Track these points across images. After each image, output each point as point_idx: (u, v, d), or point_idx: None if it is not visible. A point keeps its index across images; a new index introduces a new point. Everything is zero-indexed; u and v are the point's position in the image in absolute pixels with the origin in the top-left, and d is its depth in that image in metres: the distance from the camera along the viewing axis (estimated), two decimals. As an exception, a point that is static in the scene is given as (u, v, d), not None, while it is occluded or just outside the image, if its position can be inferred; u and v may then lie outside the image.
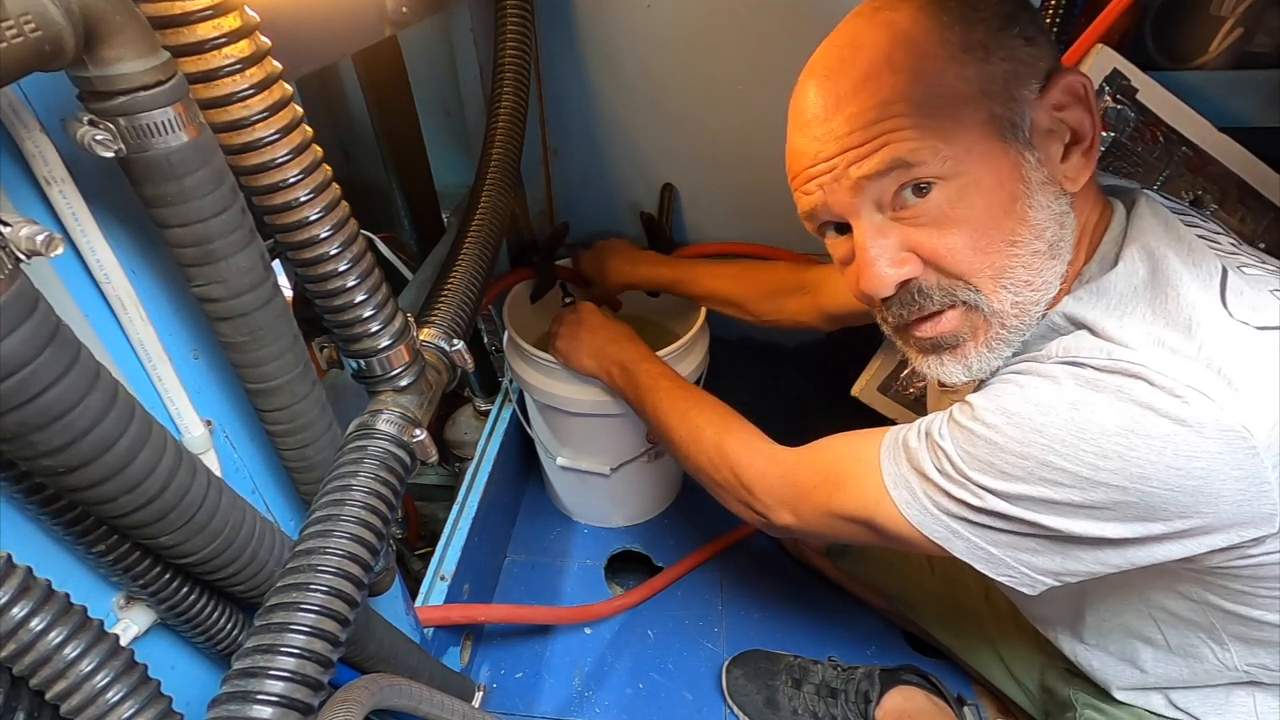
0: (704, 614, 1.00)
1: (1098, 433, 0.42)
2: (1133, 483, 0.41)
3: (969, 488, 0.47)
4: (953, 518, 0.49)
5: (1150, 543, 0.44)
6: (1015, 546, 0.47)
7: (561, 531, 1.13)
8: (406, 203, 1.13)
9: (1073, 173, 0.48)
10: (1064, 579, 0.48)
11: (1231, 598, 0.49)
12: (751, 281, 0.95)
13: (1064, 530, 0.45)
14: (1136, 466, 0.41)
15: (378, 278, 0.46)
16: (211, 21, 0.33)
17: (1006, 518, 0.46)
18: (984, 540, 0.48)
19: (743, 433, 0.68)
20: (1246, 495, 0.40)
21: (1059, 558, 0.47)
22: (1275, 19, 0.82)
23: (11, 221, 0.27)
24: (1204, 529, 0.42)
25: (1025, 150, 0.47)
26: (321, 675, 0.37)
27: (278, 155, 0.37)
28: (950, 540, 0.49)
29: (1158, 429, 0.40)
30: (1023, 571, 0.48)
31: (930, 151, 0.46)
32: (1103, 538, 0.44)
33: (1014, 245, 0.47)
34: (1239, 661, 0.53)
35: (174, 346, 0.40)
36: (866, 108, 0.47)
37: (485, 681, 0.90)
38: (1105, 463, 0.41)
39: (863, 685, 0.81)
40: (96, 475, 0.30)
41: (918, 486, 0.50)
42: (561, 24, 0.98)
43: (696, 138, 1.06)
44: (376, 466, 0.45)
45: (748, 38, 0.95)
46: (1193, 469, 0.40)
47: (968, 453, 0.47)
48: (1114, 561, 0.46)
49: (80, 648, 0.31)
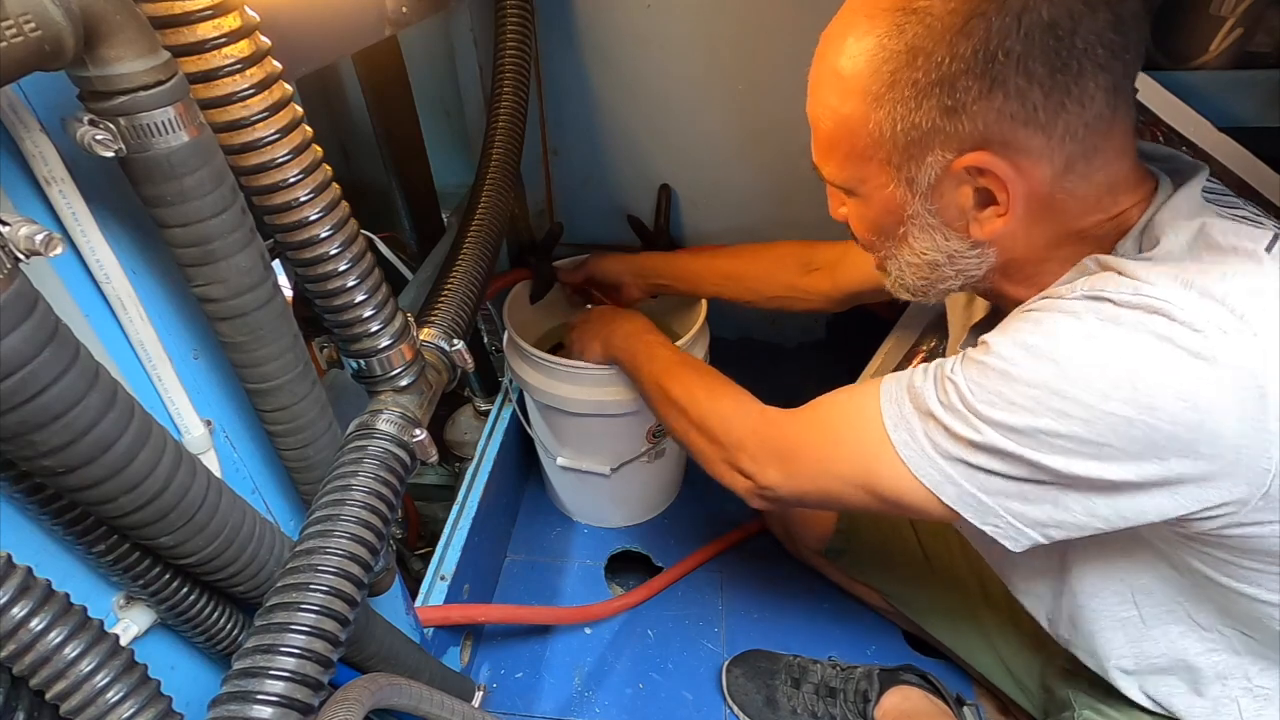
0: (704, 614, 1.00)
1: (1112, 363, 0.42)
2: (1140, 413, 0.41)
3: (972, 422, 0.46)
4: (949, 459, 0.48)
5: (1143, 490, 0.44)
6: (1006, 494, 0.47)
7: (561, 531, 1.13)
8: (406, 203, 1.13)
9: (981, 224, 0.50)
10: (1050, 534, 0.48)
11: (1216, 566, 0.49)
12: (754, 256, 0.95)
13: (1062, 471, 0.44)
14: (1146, 396, 0.41)
15: (378, 278, 0.46)
16: (211, 21, 0.33)
17: (1005, 456, 0.46)
18: (976, 486, 0.48)
19: (738, 394, 0.68)
20: (1247, 442, 0.40)
21: (1049, 508, 0.47)
22: (1275, 19, 0.82)
23: (11, 221, 0.27)
24: (1197, 477, 0.42)
25: (916, 198, 0.51)
26: (321, 675, 0.37)
27: (278, 155, 0.37)
28: (942, 486, 0.49)
29: (1171, 359, 0.40)
30: (1009, 522, 0.48)
31: (834, 170, 0.55)
32: (1099, 480, 0.44)
33: (896, 249, 0.56)
34: (1215, 623, 0.54)
35: (174, 346, 0.40)
36: (811, 107, 0.54)
37: (485, 681, 0.91)
38: (1116, 391, 0.41)
39: (861, 685, 0.81)
40: (96, 475, 0.30)
41: (918, 426, 0.50)
42: (561, 24, 0.98)
43: (696, 138, 1.06)
44: (377, 466, 0.45)
45: (748, 38, 0.95)
46: (1200, 401, 0.40)
47: (979, 385, 0.46)
48: (1103, 513, 0.45)
49: (80, 648, 0.31)
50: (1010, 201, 0.48)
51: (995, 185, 0.48)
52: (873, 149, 0.50)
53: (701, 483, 1.20)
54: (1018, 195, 0.47)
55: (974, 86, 0.44)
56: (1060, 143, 0.45)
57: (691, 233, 1.17)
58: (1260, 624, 0.52)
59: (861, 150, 0.51)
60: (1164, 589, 0.55)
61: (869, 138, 0.50)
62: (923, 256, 0.54)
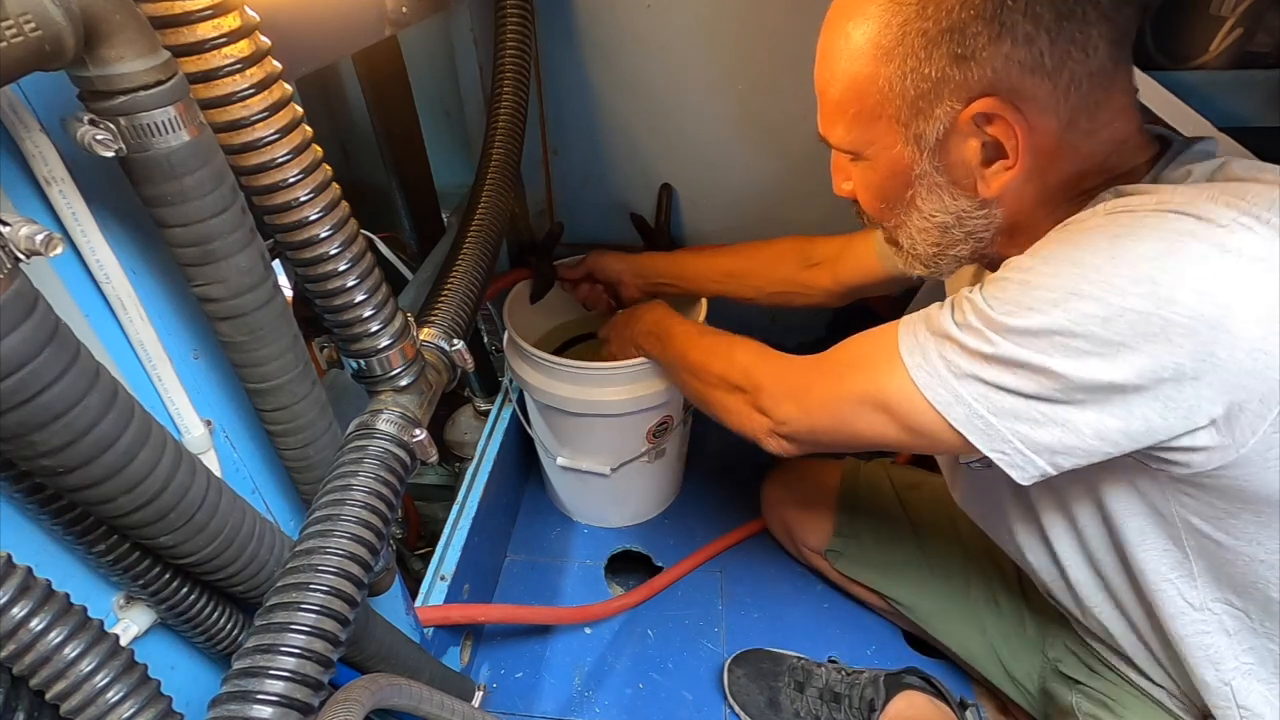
0: (704, 614, 1.00)
1: (1133, 259, 0.41)
2: (1158, 307, 0.40)
3: (987, 335, 0.46)
4: (960, 377, 0.48)
5: (1154, 396, 0.43)
6: (1016, 415, 0.47)
7: (561, 531, 1.13)
8: (406, 203, 1.13)
9: (988, 181, 0.51)
10: (1057, 461, 0.47)
11: (1215, 520, 0.49)
12: (754, 253, 0.95)
13: (1073, 378, 0.44)
14: (1166, 289, 0.40)
15: (378, 278, 0.46)
16: (211, 21, 0.33)
17: (1018, 366, 0.45)
18: (985, 407, 0.47)
19: (758, 345, 0.70)
20: (1264, 345, 0.40)
21: (1058, 430, 0.46)
22: (1275, 19, 0.82)
23: (11, 221, 0.27)
24: (1210, 381, 0.41)
25: (924, 156, 0.52)
26: (321, 675, 0.37)
27: (278, 155, 0.37)
28: (951, 407, 0.48)
29: (1194, 251, 0.40)
30: (1017, 447, 0.47)
31: (841, 134, 0.55)
32: (1110, 384, 0.43)
33: (905, 215, 0.56)
34: (1207, 598, 0.53)
35: (174, 346, 0.40)
36: (819, 73, 0.55)
37: (485, 681, 0.91)
38: (1135, 286, 0.41)
39: (867, 692, 0.81)
40: (96, 475, 0.30)
41: (932, 348, 0.50)
42: (561, 24, 0.98)
43: (696, 138, 1.06)
44: (377, 466, 0.45)
45: (748, 38, 0.95)
46: (1219, 295, 0.40)
47: (997, 298, 0.46)
48: (1111, 434, 0.45)
49: (80, 648, 0.31)
50: (1018, 152, 0.48)
51: (1003, 134, 0.48)
52: (881, 106, 0.51)
53: (701, 483, 1.20)
54: (1025, 146, 0.48)
55: (984, 32, 0.45)
56: (1065, 93, 0.46)
57: (692, 232, 1.17)
58: (1252, 590, 0.51)
59: (870, 109, 0.52)
60: (1156, 566, 0.54)
61: (878, 94, 0.51)
62: (931, 219, 0.55)
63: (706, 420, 0.78)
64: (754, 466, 1.10)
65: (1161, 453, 0.46)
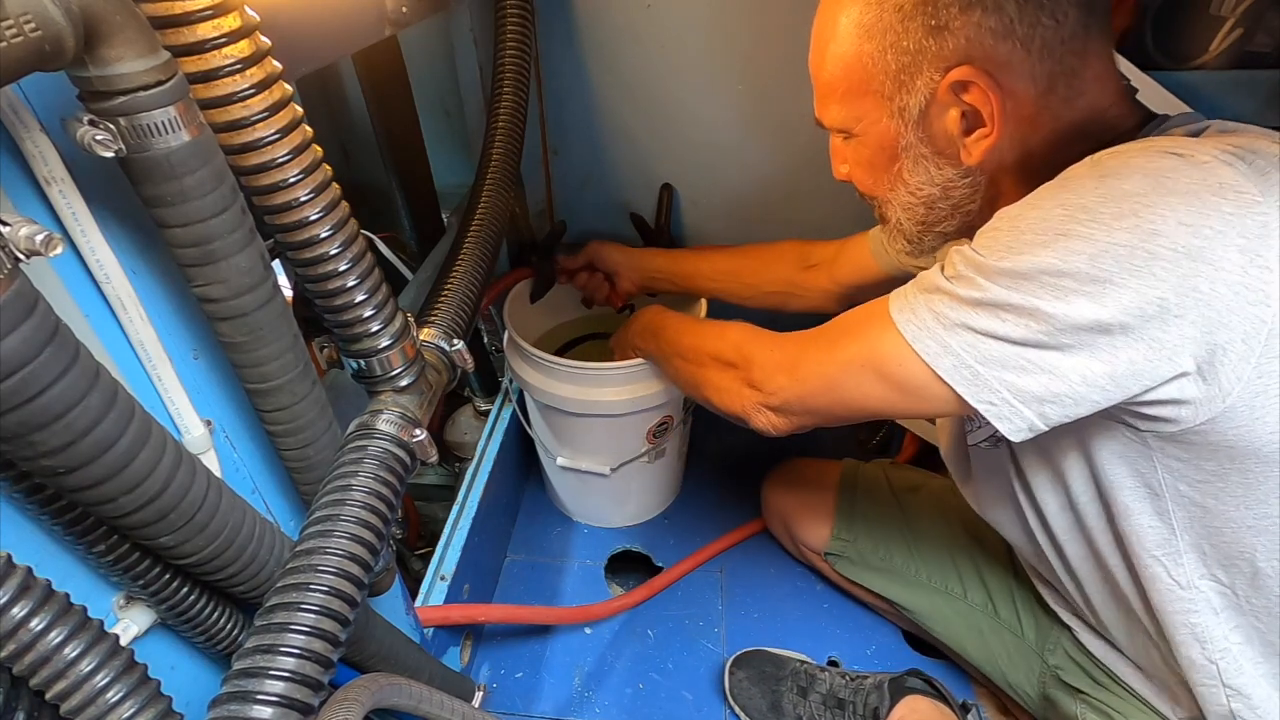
0: (704, 614, 1.00)
1: (1119, 195, 0.42)
2: (1143, 240, 0.41)
3: (976, 281, 0.46)
4: (949, 326, 0.48)
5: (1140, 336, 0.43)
6: (1004, 364, 0.46)
7: (561, 531, 1.13)
8: (406, 203, 1.13)
9: (969, 149, 0.53)
10: (1045, 412, 0.47)
11: (1196, 483, 0.49)
12: (753, 253, 0.96)
13: (1061, 316, 0.43)
14: (1150, 223, 0.41)
15: (378, 278, 0.46)
16: (211, 21, 0.33)
17: (1006, 309, 0.45)
18: (973, 357, 0.47)
19: (750, 326, 0.70)
20: (1246, 280, 0.40)
21: (1045, 378, 0.46)
22: (1275, 19, 0.82)
23: (11, 221, 0.27)
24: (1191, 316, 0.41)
25: (908, 129, 0.54)
26: (322, 675, 0.37)
27: (278, 155, 0.37)
28: (939, 358, 0.48)
29: (1179, 186, 0.41)
30: (1005, 398, 0.47)
31: (834, 115, 0.59)
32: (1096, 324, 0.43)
33: (892, 191, 0.59)
34: (1193, 575, 0.54)
35: (174, 346, 0.40)
36: (812, 59, 0.59)
37: (485, 681, 0.91)
38: (1120, 221, 0.41)
39: (872, 700, 0.80)
40: (96, 475, 0.30)
41: (922, 304, 0.50)
42: (561, 24, 0.98)
43: (696, 138, 1.06)
44: (376, 466, 0.45)
45: (748, 38, 0.95)
46: (1203, 226, 0.40)
47: (987, 246, 0.47)
48: (1097, 379, 0.44)
49: (80, 648, 0.31)
50: (995, 119, 0.50)
51: (980, 101, 0.50)
52: (867, 82, 0.54)
53: (701, 483, 1.20)
54: (1001, 112, 0.50)
55: (954, 3, 0.48)
56: (1039, 58, 0.48)
57: (692, 232, 1.17)
58: (1239, 562, 0.51)
59: (856, 85, 0.55)
60: (1144, 542, 0.54)
61: (863, 71, 0.54)
62: (918, 194, 0.57)
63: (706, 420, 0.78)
64: (754, 467, 1.10)
65: (1147, 407, 0.46)
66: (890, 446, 1.22)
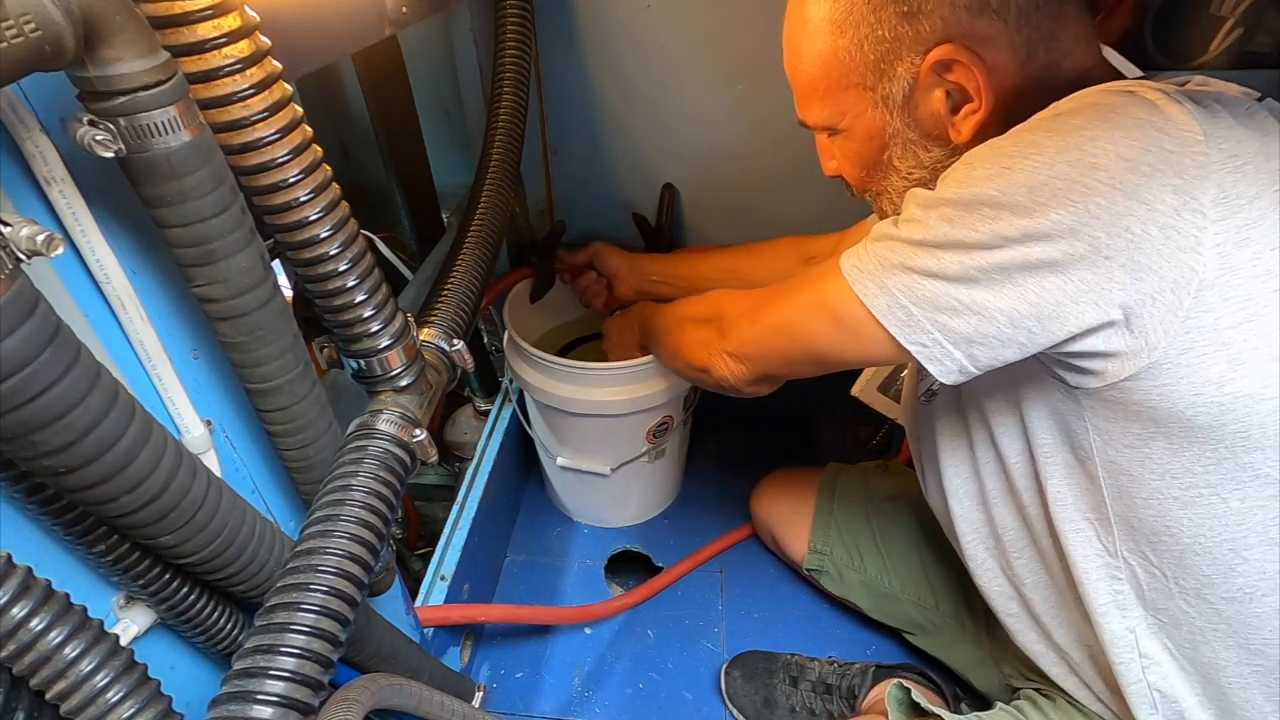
0: (704, 614, 1.00)
1: (1066, 129, 0.42)
2: (1081, 174, 0.41)
3: (918, 220, 0.47)
4: (889, 268, 0.48)
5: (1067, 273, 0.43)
6: (936, 305, 0.47)
7: (561, 531, 1.13)
8: (406, 203, 1.13)
9: (960, 126, 0.52)
10: (975, 354, 0.47)
11: (1123, 447, 0.49)
12: (752, 250, 0.97)
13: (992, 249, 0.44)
14: (1091, 156, 0.41)
15: (378, 278, 0.46)
16: (211, 21, 0.33)
17: (943, 245, 0.46)
18: (909, 297, 0.48)
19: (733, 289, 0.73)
20: (1178, 223, 0.40)
21: (974, 319, 0.46)
22: (1275, 19, 0.82)
23: (11, 221, 0.27)
24: (1120, 259, 0.41)
25: (894, 114, 0.54)
26: (322, 675, 0.37)
27: (278, 155, 0.37)
28: (875, 297, 0.49)
29: (1125, 121, 0.41)
30: (936, 339, 0.48)
31: (816, 112, 0.58)
32: (1027, 259, 0.43)
33: (884, 180, 0.59)
34: (1121, 547, 0.53)
35: (174, 346, 0.40)
36: (787, 62, 0.59)
37: (485, 681, 0.91)
38: (1063, 155, 0.41)
39: (854, 681, 0.82)
40: (97, 475, 0.30)
41: (868, 250, 0.51)
42: (561, 24, 0.98)
43: (696, 138, 1.06)
44: (376, 466, 0.45)
45: (748, 38, 0.95)
46: (1141, 162, 0.40)
47: (942, 180, 0.47)
48: (1023, 320, 0.45)
49: (80, 648, 0.31)
50: (982, 93, 0.50)
51: (965, 78, 0.50)
52: (846, 76, 0.54)
53: (701, 483, 1.20)
54: (987, 86, 0.50)
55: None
56: (1017, 27, 0.48)
57: (693, 233, 1.17)
58: (1165, 539, 0.51)
59: (836, 81, 0.55)
60: (1075, 501, 0.54)
61: (840, 66, 0.54)
62: (910, 178, 0.57)
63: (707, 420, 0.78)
64: (753, 468, 1.10)
65: (1074, 359, 0.46)
66: (890, 447, 1.22)
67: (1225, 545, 0.49)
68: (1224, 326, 0.42)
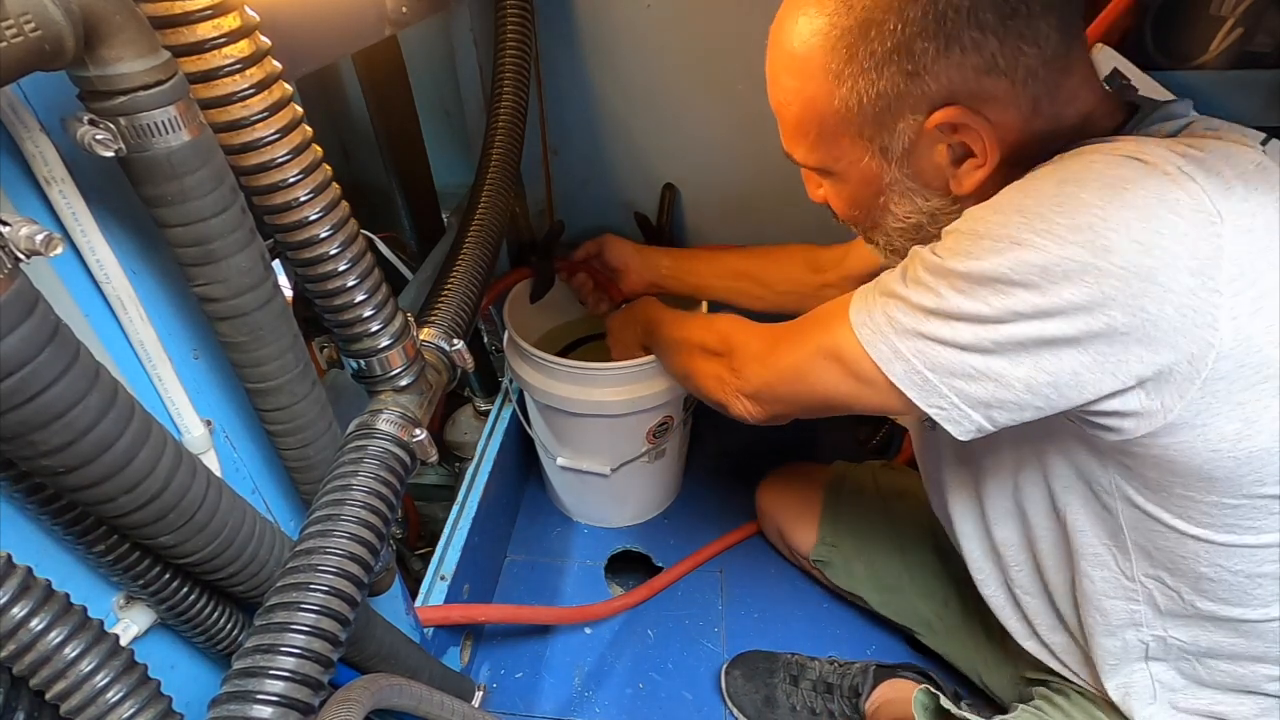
0: (704, 614, 1.00)
1: (1075, 205, 0.41)
2: (1095, 256, 0.40)
3: (932, 286, 0.46)
4: (901, 333, 0.48)
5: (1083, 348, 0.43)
6: (952, 371, 0.47)
7: (561, 531, 1.13)
8: (406, 203, 1.13)
9: (960, 179, 0.51)
10: (993, 415, 0.47)
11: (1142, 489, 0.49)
12: (764, 254, 0.96)
13: (1008, 325, 0.44)
14: (1104, 238, 0.40)
15: (378, 278, 0.46)
16: (211, 21, 0.33)
17: (957, 318, 0.45)
18: (924, 363, 0.47)
19: (736, 317, 0.73)
20: (1194, 302, 0.40)
21: (991, 385, 0.46)
22: (1275, 19, 0.82)
23: (11, 221, 0.27)
24: (1139, 336, 0.41)
25: (892, 165, 0.53)
26: (322, 675, 0.37)
27: (278, 155, 0.37)
28: (890, 363, 0.49)
29: (1136, 200, 0.40)
30: (954, 402, 0.47)
31: (804, 154, 0.57)
32: (1042, 337, 0.43)
33: (878, 221, 0.58)
34: (1138, 571, 0.54)
35: (174, 346, 0.40)
36: (774, 95, 0.57)
37: (485, 681, 0.91)
38: (1074, 235, 0.41)
39: (856, 679, 0.82)
40: (96, 475, 0.30)
41: (878, 307, 0.50)
42: (561, 24, 0.98)
43: (696, 138, 1.06)
44: (376, 466, 0.45)
45: (748, 38, 0.95)
46: (1155, 245, 0.39)
47: (948, 248, 0.46)
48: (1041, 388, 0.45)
49: (80, 648, 0.31)
50: (987, 151, 0.49)
51: (970, 138, 0.49)
52: (842, 125, 0.52)
53: (701, 483, 1.20)
54: (993, 143, 0.48)
55: (930, 47, 0.46)
56: (1024, 85, 0.47)
57: (693, 233, 1.17)
58: (1183, 569, 0.51)
59: (831, 129, 0.53)
60: (1094, 528, 0.54)
61: (836, 116, 0.52)
62: (906, 220, 0.56)
63: (707, 420, 0.78)
64: (754, 467, 1.10)
65: (1092, 416, 0.46)
66: (890, 447, 1.22)
67: (1242, 574, 0.50)
68: (1239, 389, 0.42)
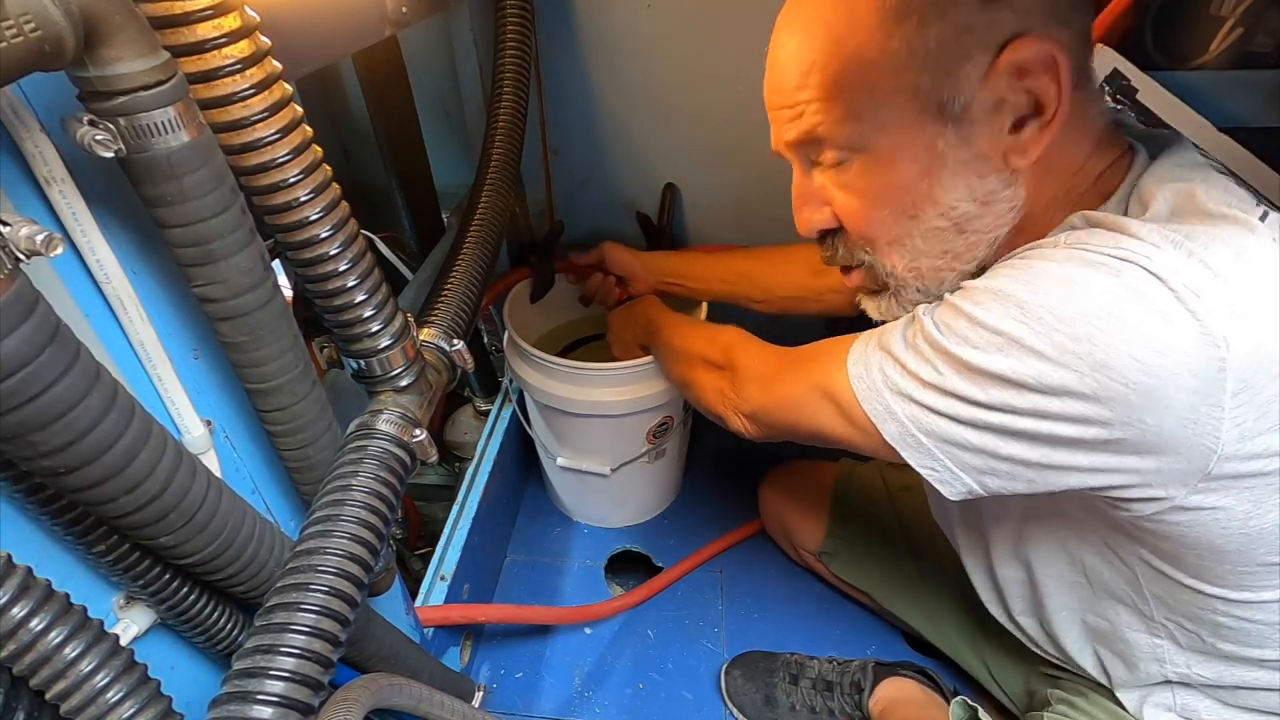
0: (704, 614, 1.00)
1: (1076, 315, 0.40)
2: (1092, 370, 0.40)
3: (931, 359, 0.46)
4: (896, 395, 0.48)
5: (1080, 448, 0.43)
6: (946, 439, 0.47)
7: (561, 531, 1.13)
8: (406, 203, 1.13)
9: (1024, 146, 0.46)
10: (985, 483, 0.47)
11: (1159, 556, 0.50)
12: (767, 255, 0.95)
13: (1004, 417, 0.44)
14: (1102, 353, 0.39)
15: (378, 278, 0.46)
16: (211, 21, 0.33)
17: (954, 397, 0.45)
18: (918, 427, 0.47)
19: (739, 331, 0.73)
20: (1195, 416, 0.39)
21: (985, 457, 0.46)
22: (1275, 19, 0.82)
23: (11, 221, 0.27)
24: (1136, 446, 0.41)
25: (948, 127, 0.47)
26: (322, 675, 0.37)
27: (278, 155, 0.37)
28: (885, 421, 0.49)
29: (1135, 316, 0.39)
30: (946, 465, 0.48)
31: (836, 126, 0.49)
32: (1037, 434, 0.43)
33: (913, 219, 0.51)
34: (1158, 614, 0.54)
35: (174, 346, 0.40)
36: (795, 72, 0.50)
37: (485, 681, 0.91)
38: (1074, 345, 0.40)
39: (856, 677, 0.82)
40: (96, 475, 0.30)
41: (875, 364, 0.50)
42: (561, 24, 0.98)
43: (697, 137, 1.06)
44: (376, 466, 0.45)
45: (748, 38, 0.95)
46: (1154, 365, 0.38)
47: (947, 325, 0.45)
48: (1034, 468, 0.45)
49: (80, 648, 0.31)
50: (1061, 97, 0.44)
51: (1040, 85, 0.44)
52: (895, 77, 0.46)
53: (701, 483, 1.20)
54: (1066, 88, 0.44)
55: None
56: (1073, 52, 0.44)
57: (694, 233, 1.17)
58: (1202, 618, 0.52)
59: (878, 85, 0.47)
60: (1112, 575, 0.55)
61: (889, 65, 0.46)
62: (951, 213, 0.49)
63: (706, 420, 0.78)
64: (754, 467, 1.10)
65: (1097, 492, 0.46)
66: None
67: (1262, 623, 0.50)
68: (1245, 475, 0.42)
